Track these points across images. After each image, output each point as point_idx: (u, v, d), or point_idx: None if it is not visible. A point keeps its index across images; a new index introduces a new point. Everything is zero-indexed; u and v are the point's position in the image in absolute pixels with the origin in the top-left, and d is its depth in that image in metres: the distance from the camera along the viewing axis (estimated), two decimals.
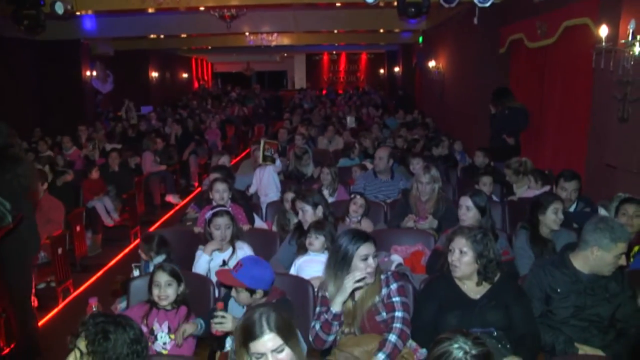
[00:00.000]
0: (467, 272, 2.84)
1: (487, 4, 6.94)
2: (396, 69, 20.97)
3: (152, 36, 14.80)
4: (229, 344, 2.91)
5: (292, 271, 3.61)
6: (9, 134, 4.00)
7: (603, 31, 4.88)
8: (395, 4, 7.46)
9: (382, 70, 26.30)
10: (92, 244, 6.82)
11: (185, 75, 25.42)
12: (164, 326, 3.00)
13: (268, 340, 2.02)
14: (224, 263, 3.69)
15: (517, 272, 3.62)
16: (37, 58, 13.71)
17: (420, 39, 15.05)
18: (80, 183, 6.94)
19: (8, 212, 3.10)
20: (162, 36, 14.96)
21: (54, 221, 5.52)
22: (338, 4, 10.11)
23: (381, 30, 14.79)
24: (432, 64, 13.47)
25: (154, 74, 20.10)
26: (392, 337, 2.69)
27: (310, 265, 3.49)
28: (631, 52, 4.70)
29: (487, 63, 9.09)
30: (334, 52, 28.36)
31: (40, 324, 4.92)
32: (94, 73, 15.41)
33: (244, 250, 3.77)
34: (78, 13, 10.11)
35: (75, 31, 13.30)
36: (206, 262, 3.71)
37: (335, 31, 15.00)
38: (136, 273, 4.03)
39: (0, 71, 12.06)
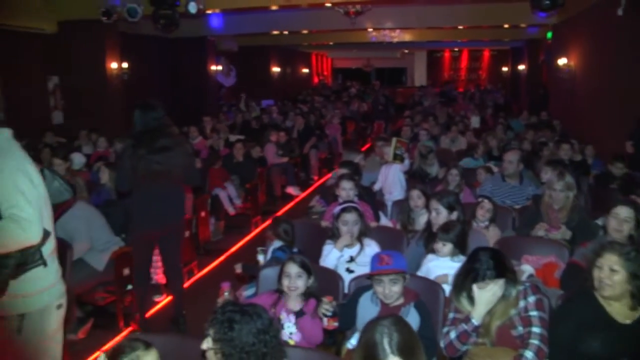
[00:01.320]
0: (618, 292, 2.59)
1: None
2: (521, 67, 20.03)
3: (274, 32, 15.19)
4: (355, 340, 2.90)
5: (421, 273, 3.52)
6: (153, 118, 4.32)
7: None
8: None
9: (505, 68, 25.26)
10: (215, 230, 7.10)
11: (305, 70, 25.91)
12: (291, 316, 3.03)
13: None
14: (351, 259, 3.68)
15: None
16: (168, 53, 14.64)
17: (549, 35, 14.23)
18: (206, 171, 7.23)
19: (66, 189, 3.28)
20: (285, 32, 15.29)
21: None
22: None
23: (506, 26, 14.20)
24: (562, 61, 12.65)
25: (275, 69, 20.65)
26: (529, 354, 2.53)
27: (440, 271, 3.39)
28: None
29: (630, 60, 8.36)
30: (456, 49, 27.65)
31: (165, 302, 5.25)
32: (219, 68, 16.14)
33: (372, 247, 3.73)
34: (208, 11, 10.64)
35: (203, 29, 14.07)
36: (336, 257, 3.72)
37: (459, 27, 14.61)
38: (260, 257, 4.13)
39: (138, 64, 13.00)
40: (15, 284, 2.32)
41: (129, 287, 4.81)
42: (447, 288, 3.13)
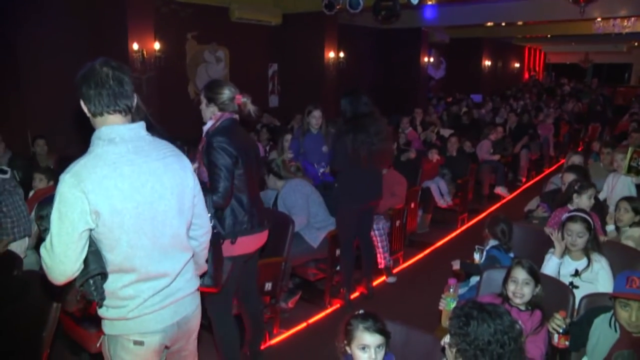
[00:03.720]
0: None
1: None
2: None
3: (488, 24, 14.60)
4: None
5: None
6: (364, 103, 4.62)
7: None
8: None
9: None
10: (421, 222, 7.08)
11: (516, 64, 24.65)
12: None
13: None
14: (576, 273, 3.38)
15: None
16: (382, 44, 14.91)
17: None
18: (419, 163, 7.22)
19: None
20: (502, 24, 14.61)
21: (398, 195, 5.85)
22: None
23: None
24: None
25: (486, 63, 19.90)
26: None
27: None
28: None
29: None
30: None
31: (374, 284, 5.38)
32: (430, 60, 16.01)
33: (601, 264, 3.39)
34: (429, 2, 10.58)
35: (417, 20, 14.03)
36: (556, 264, 3.47)
37: None
38: (477, 256, 4.03)
39: (353, 54, 13.49)
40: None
41: (338, 267, 5.01)
42: None
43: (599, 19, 13.62)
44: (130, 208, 2.08)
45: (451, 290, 3.08)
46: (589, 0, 10.13)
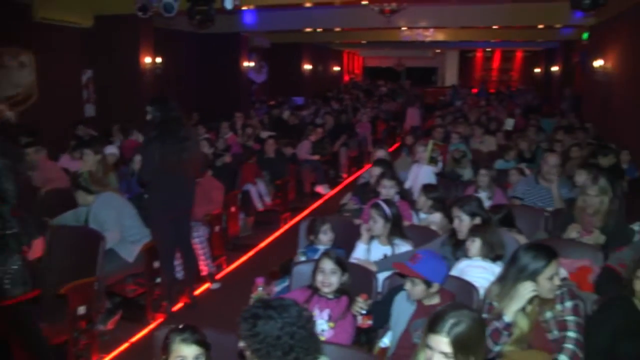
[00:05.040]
0: None
1: None
2: (554, 68, 19.68)
3: (307, 30, 15.19)
4: (388, 339, 2.88)
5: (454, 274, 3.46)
6: (171, 109, 4.61)
7: None
8: None
9: (538, 70, 24.83)
10: (244, 225, 7.14)
11: (336, 68, 25.85)
12: (324, 313, 3.02)
13: (440, 342, 2.02)
14: (385, 258, 3.68)
15: None
16: (201, 49, 14.77)
17: (585, 36, 13.93)
18: (238, 167, 7.27)
19: None
20: (318, 30, 15.28)
21: (214, 201, 5.84)
22: None
23: (540, 26, 13.96)
24: (598, 63, 12.38)
25: (306, 67, 20.63)
26: (564, 359, 2.49)
27: (474, 271, 3.33)
28: None
29: None
30: (488, 49, 27.31)
31: (197, 293, 5.33)
32: (251, 64, 16.22)
33: (405, 247, 3.73)
34: (243, 8, 10.68)
35: (236, 25, 14.13)
36: (362, 249, 3.75)
37: (493, 27, 14.42)
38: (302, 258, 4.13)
39: (172, 59, 13.16)
40: None
41: (158, 280, 4.89)
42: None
43: (404, 28, 14.89)
44: None
45: (260, 289, 3.16)
46: (393, 11, 11.02)
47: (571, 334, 2.55)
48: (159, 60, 12.07)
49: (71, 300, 3.72)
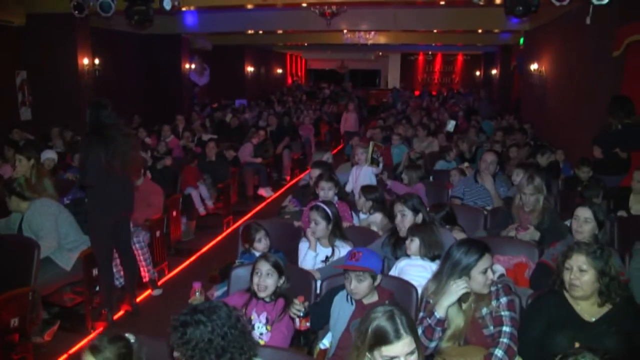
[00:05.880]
0: (589, 292, 2.63)
1: (604, 2, 6.45)
2: (493, 72, 20.34)
3: (249, 32, 15.11)
4: (327, 340, 2.88)
5: (393, 274, 3.51)
6: (110, 112, 4.53)
7: None
8: (500, 1, 7.15)
9: (478, 73, 25.60)
10: (186, 230, 7.04)
11: (279, 70, 25.85)
12: (262, 317, 3.02)
13: (404, 345, 2.00)
14: (327, 259, 3.69)
15: (632, 296, 3.33)
16: (142, 50, 14.46)
17: (521, 41, 14.47)
18: (179, 170, 7.16)
19: None
20: (260, 32, 15.22)
21: (154, 205, 5.72)
22: (442, 2, 9.92)
23: (479, 31, 14.38)
24: (533, 67, 12.87)
25: (249, 69, 20.55)
26: (499, 352, 2.55)
27: (413, 270, 3.39)
28: None
29: (597, 67, 8.52)
30: (430, 53, 27.91)
31: (138, 300, 5.20)
32: (193, 66, 16.01)
33: (343, 249, 3.74)
34: (183, 9, 10.51)
35: (178, 26, 13.93)
36: (313, 258, 3.75)
37: (434, 31, 14.73)
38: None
39: (111, 61, 12.81)
40: None
41: (97, 288, 4.75)
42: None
43: (346, 31, 15.01)
44: None
45: (197, 294, 3.11)
46: (333, 14, 11.09)
47: (506, 329, 2.62)
48: (97, 61, 11.73)
49: (3, 312, 3.55)
